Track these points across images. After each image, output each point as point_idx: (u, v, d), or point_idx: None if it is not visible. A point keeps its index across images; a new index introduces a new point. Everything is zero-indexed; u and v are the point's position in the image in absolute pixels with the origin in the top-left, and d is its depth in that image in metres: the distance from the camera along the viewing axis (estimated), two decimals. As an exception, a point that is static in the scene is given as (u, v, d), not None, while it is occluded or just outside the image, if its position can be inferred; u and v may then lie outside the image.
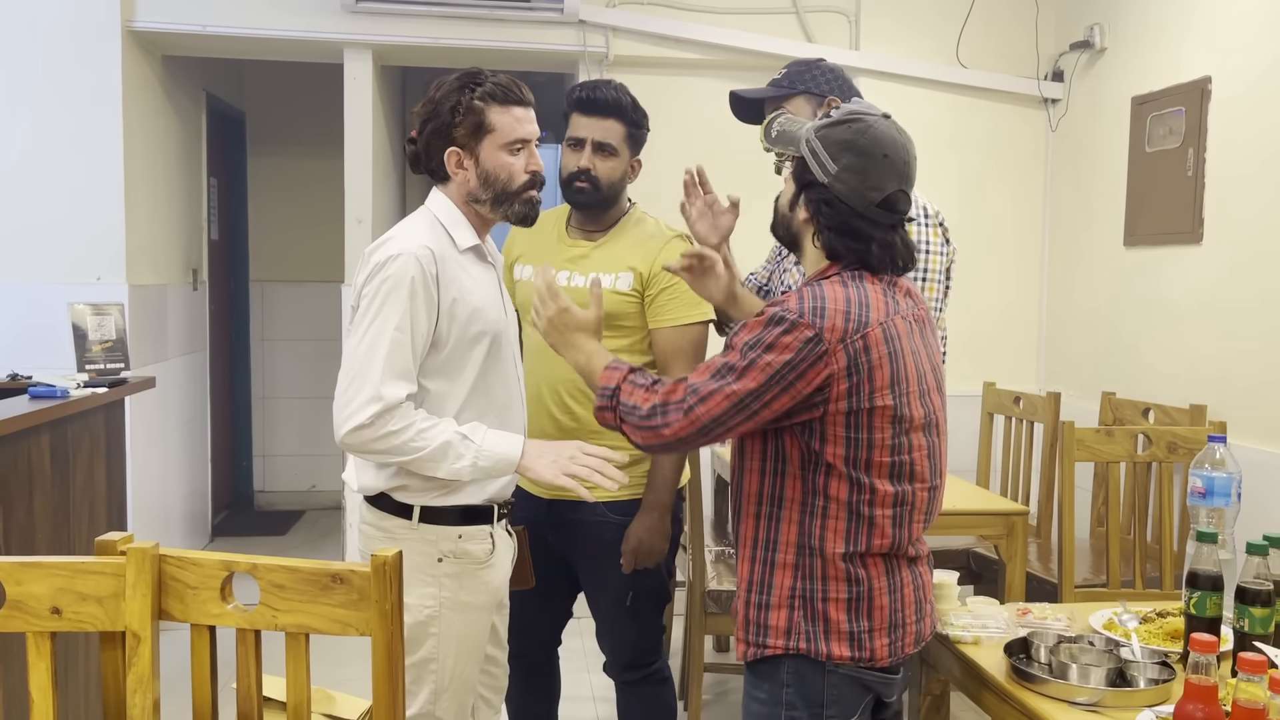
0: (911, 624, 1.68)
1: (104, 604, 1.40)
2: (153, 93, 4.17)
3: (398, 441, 1.79)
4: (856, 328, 1.57)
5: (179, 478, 4.54)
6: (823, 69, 2.29)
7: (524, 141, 1.91)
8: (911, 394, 1.63)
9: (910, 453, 1.63)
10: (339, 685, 2.17)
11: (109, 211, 3.80)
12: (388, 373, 1.78)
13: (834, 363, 1.56)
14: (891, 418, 1.60)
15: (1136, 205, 3.75)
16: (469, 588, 1.92)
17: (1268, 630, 1.68)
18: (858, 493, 1.61)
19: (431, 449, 1.80)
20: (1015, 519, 2.87)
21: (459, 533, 1.90)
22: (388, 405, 1.77)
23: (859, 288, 1.62)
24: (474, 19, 3.98)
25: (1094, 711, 1.57)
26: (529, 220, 1.97)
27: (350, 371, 1.81)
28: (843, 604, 1.63)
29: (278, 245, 5.79)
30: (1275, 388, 3.06)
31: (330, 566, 1.38)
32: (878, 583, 1.64)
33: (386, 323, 1.79)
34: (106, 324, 2.93)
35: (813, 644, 1.63)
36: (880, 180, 1.62)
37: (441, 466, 1.82)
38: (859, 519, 1.62)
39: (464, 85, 1.88)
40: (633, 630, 2.40)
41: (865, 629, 1.63)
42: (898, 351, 1.61)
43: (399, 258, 1.81)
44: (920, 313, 1.73)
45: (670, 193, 3.82)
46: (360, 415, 1.77)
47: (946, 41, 4.26)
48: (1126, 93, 3.82)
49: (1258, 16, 3.19)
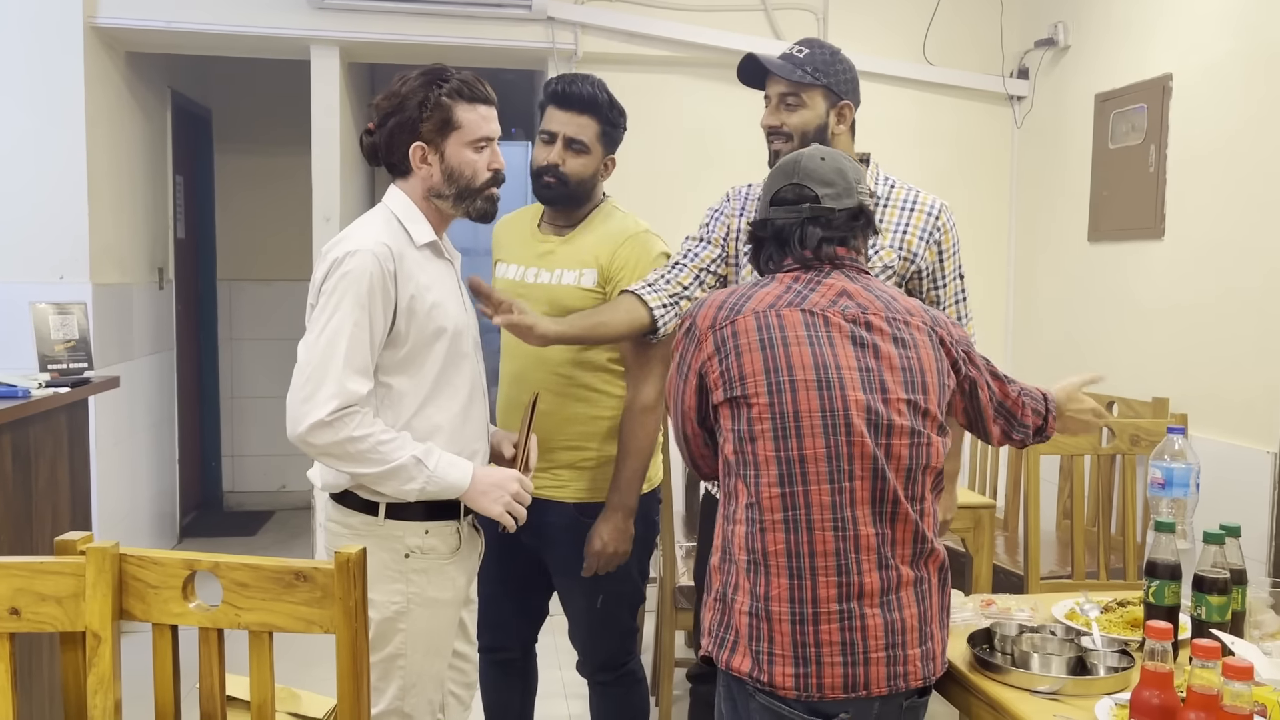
0: (833, 663, 1.55)
1: (63, 604, 1.39)
2: (116, 90, 4.12)
3: (355, 449, 1.78)
4: (727, 315, 1.67)
5: (146, 478, 4.50)
6: (845, 64, 2.20)
7: (488, 139, 1.92)
8: (800, 383, 1.59)
9: (799, 450, 1.57)
10: (309, 684, 2.16)
11: (72, 210, 3.76)
12: (348, 369, 1.77)
13: (705, 348, 1.68)
14: (770, 407, 1.59)
15: (1100, 201, 3.80)
16: (436, 583, 1.92)
17: (1225, 618, 1.71)
18: (748, 494, 1.60)
19: (386, 468, 1.80)
20: (982, 512, 2.90)
21: (425, 528, 1.90)
22: (348, 400, 1.77)
23: (758, 285, 1.72)
24: (442, 15, 3.97)
25: (1055, 700, 1.59)
26: (488, 217, 1.98)
27: (309, 366, 1.79)
28: (745, 614, 1.59)
29: (245, 243, 5.74)
30: (1234, 380, 3.11)
31: (293, 564, 1.37)
32: (776, 605, 1.56)
33: (345, 319, 1.78)
34: (69, 323, 2.89)
35: (722, 651, 1.62)
36: (771, 185, 1.79)
37: (389, 485, 1.82)
38: (756, 524, 1.59)
39: (431, 81, 1.88)
40: (604, 632, 2.39)
41: (765, 651, 1.57)
42: (774, 340, 1.62)
43: (356, 254, 1.80)
44: (864, 314, 1.66)
45: (639, 190, 3.84)
46: (320, 410, 1.76)
47: (913, 39, 4.30)
48: (1090, 90, 3.86)
49: (1217, 15, 3.23)
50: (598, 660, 2.41)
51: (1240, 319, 3.10)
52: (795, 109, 2.17)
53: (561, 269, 2.29)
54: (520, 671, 2.51)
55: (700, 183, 2.22)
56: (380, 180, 5.29)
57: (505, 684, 2.51)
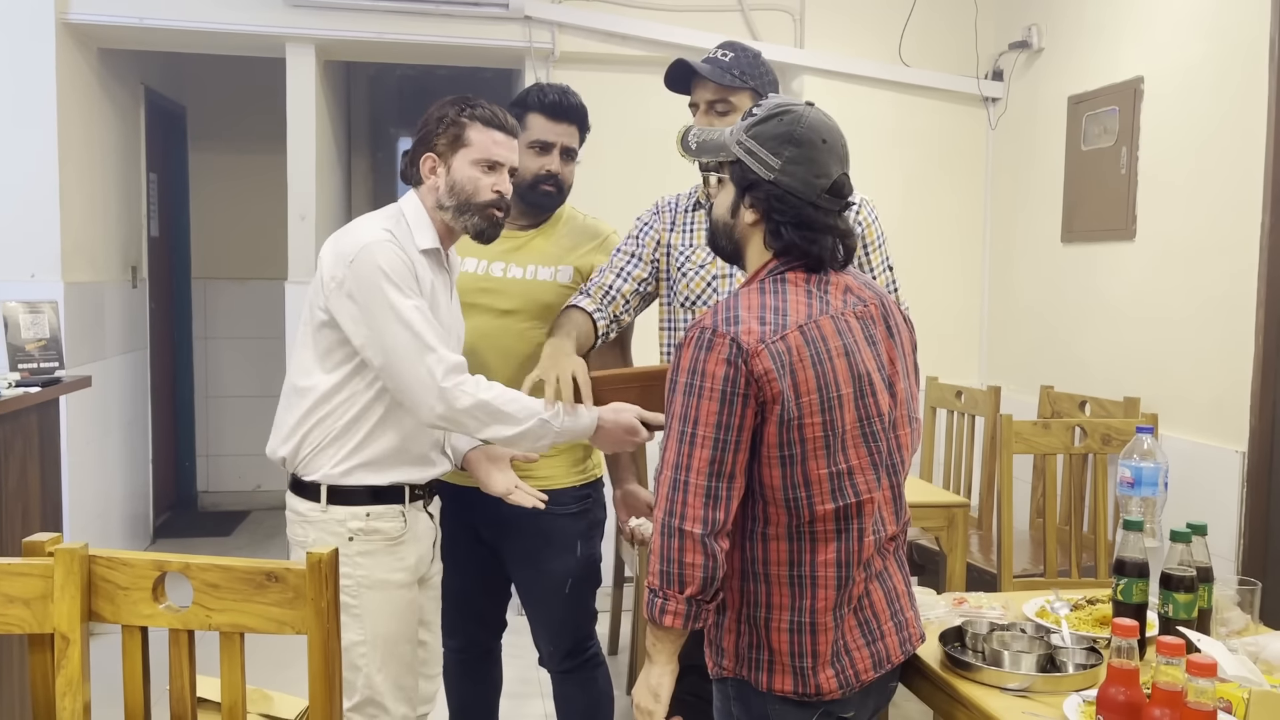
0: (859, 647, 1.61)
1: (31, 606, 1.38)
2: (89, 86, 4.08)
3: (485, 397, 1.88)
4: (774, 330, 1.54)
5: (119, 479, 4.46)
6: (766, 66, 2.24)
7: (498, 163, 2.00)
8: (845, 398, 1.56)
9: (846, 463, 1.56)
10: (283, 686, 2.15)
11: (43, 208, 3.72)
12: (435, 342, 1.87)
13: (759, 364, 1.52)
14: (823, 425, 1.54)
15: (1073, 202, 3.83)
16: (384, 564, 1.96)
17: (1191, 615, 1.73)
18: (793, 515, 1.56)
19: (519, 429, 1.91)
20: (956, 511, 2.92)
21: (367, 511, 1.95)
22: (454, 366, 1.88)
23: (777, 294, 1.59)
24: (419, 14, 3.95)
25: (1025, 697, 1.61)
26: (485, 236, 2.03)
27: (406, 357, 1.86)
28: (785, 630, 1.58)
29: (220, 242, 5.70)
30: (1204, 380, 3.15)
31: (265, 565, 1.37)
32: (823, 617, 1.57)
33: (402, 303, 1.86)
34: (40, 322, 2.87)
35: (756, 673, 1.60)
36: (825, 166, 1.60)
37: (523, 443, 1.95)
38: (805, 540, 1.57)
39: (456, 103, 2.00)
40: (575, 616, 2.44)
41: (809, 665, 1.58)
42: (821, 354, 1.55)
43: (372, 245, 1.88)
44: (868, 309, 1.65)
45: (617, 189, 3.84)
46: (446, 381, 1.86)
47: (889, 40, 4.32)
48: (1063, 92, 3.89)
49: (1188, 18, 3.27)
50: (568, 645, 2.44)
51: (1209, 319, 3.13)
52: (725, 114, 2.16)
53: (535, 264, 2.33)
54: (486, 669, 2.54)
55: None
56: (357, 180, 5.28)
57: (471, 682, 2.53)
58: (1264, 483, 2.93)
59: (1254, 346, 2.94)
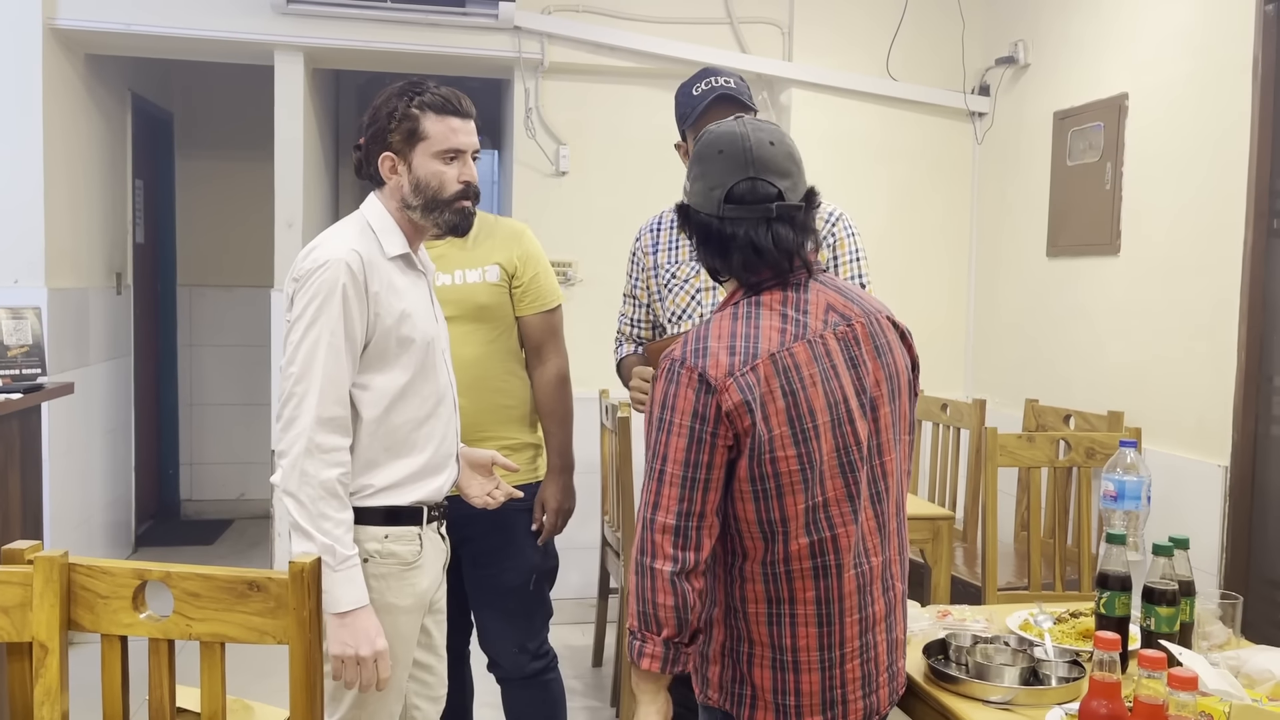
0: (855, 699, 1.56)
1: (10, 614, 1.37)
2: (75, 92, 4.07)
3: (307, 494, 1.77)
4: (744, 360, 1.48)
5: (101, 487, 4.43)
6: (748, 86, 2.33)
7: (458, 151, 1.93)
8: (822, 427, 1.50)
9: (823, 495, 1.51)
10: (265, 696, 2.14)
11: (27, 213, 3.70)
12: (324, 400, 1.78)
13: (728, 399, 1.47)
14: (799, 459, 1.48)
15: (1058, 217, 3.86)
16: (395, 589, 1.90)
17: (1173, 629, 1.73)
18: (767, 549, 1.52)
19: (316, 536, 1.76)
20: (941, 524, 2.93)
21: (385, 533, 1.89)
22: (319, 448, 1.79)
23: (749, 319, 1.53)
24: (408, 23, 3.96)
25: (1007, 710, 1.61)
26: (460, 230, 1.98)
27: (287, 397, 1.80)
28: (768, 668, 1.54)
29: (206, 249, 5.68)
30: (1187, 394, 3.17)
31: (246, 574, 1.36)
32: (805, 655, 1.53)
33: (322, 332, 1.79)
34: (23, 328, 2.85)
35: (739, 708, 1.57)
36: (720, 177, 1.55)
37: (299, 542, 1.78)
38: (781, 577, 1.52)
39: (404, 93, 1.92)
40: (538, 614, 2.48)
41: (793, 704, 1.54)
42: (794, 384, 1.49)
43: (327, 265, 1.81)
44: (851, 328, 1.57)
45: (605, 198, 3.84)
46: (299, 444, 1.78)
47: (877, 54, 4.34)
48: (1049, 107, 3.92)
49: (1172, 36, 3.30)
50: (534, 646, 2.45)
51: (1193, 334, 3.15)
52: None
53: (461, 269, 2.37)
54: (458, 671, 2.53)
55: (659, 191, 2.24)
56: (345, 187, 5.26)
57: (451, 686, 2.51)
58: (1246, 497, 2.95)
59: (1236, 361, 2.96)
